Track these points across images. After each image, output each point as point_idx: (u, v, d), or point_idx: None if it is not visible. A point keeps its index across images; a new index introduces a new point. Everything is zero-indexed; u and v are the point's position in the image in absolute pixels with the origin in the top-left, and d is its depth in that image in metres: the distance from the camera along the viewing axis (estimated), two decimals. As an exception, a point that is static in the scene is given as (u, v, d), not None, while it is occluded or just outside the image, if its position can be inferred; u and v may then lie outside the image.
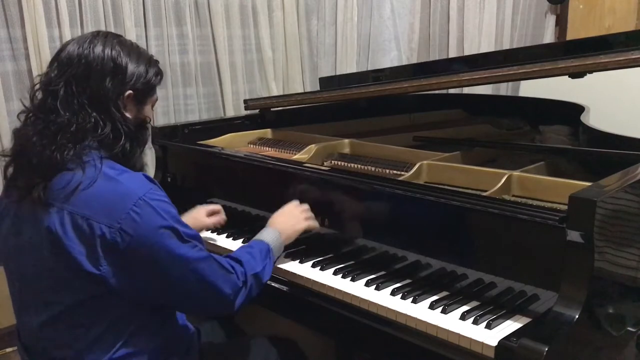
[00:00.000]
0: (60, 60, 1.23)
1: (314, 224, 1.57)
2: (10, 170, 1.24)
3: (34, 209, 1.19)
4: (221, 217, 1.75)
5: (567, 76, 1.58)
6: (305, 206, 1.59)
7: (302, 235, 1.65)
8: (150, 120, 1.34)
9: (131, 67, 1.25)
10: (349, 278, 1.43)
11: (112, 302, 1.19)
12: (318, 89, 2.63)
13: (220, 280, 1.25)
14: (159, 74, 1.33)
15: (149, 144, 1.56)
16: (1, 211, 1.29)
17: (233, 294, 1.27)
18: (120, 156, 1.24)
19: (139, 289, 1.18)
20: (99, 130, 1.20)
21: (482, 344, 1.14)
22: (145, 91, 1.29)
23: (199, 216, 1.72)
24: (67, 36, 2.52)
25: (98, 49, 1.22)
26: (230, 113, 3.06)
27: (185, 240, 1.19)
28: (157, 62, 1.34)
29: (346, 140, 2.02)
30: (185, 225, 1.22)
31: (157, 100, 1.37)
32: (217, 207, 1.76)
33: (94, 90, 1.20)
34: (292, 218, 1.56)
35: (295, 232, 1.54)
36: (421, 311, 1.27)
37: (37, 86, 1.24)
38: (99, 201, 1.15)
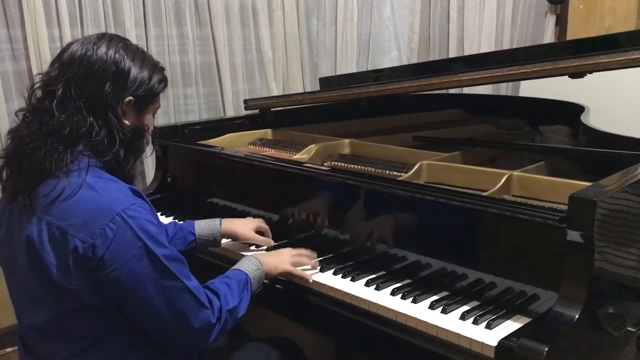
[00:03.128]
0: (62, 60, 1.19)
1: (298, 271, 1.46)
2: (4, 171, 1.21)
3: (20, 216, 1.16)
4: (267, 239, 1.64)
5: (567, 76, 1.58)
6: (300, 251, 1.50)
7: (301, 234, 1.65)
8: (149, 129, 1.28)
9: (134, 72, 1.20)
10: (349, 278, 1.43)
11: (92, 317, 1.16)
12: (318, 89, 2.63)
13: (193, 315, 1.17)
14: (163, 81, 1.28)
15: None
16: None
17: (204, 331, 1.20)
18: (113, 164, 1.19)
19: (110, 308, 1.15)
20: (93, 135, 1.16)
21: (482, 344, 1.14)
22: (147, 98, 1.24)
23: (249, 225, 1.63)
24: (67, 36, 2.52)
25: (101, 50, 1.18)
26: (230, 113, 3.06)
27: (161, 265, 1.13)
28: (162, 69, 1.29)
29: (346, 141, 2.02)
30: (165, 247, 1.15)
31: (159, 108, 1.32)
32: (265, 227, 1.67)
33: (92, 93, 1.17)
34: (278, 256, 1.48)
35: (277, 269, 1.44)
36: (421, 311, 1.27)
37: (37, 85, 1.21)
38: (77, 213, 1.11)
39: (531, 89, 2.64)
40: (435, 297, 1.32)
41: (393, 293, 1.35)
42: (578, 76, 1.58)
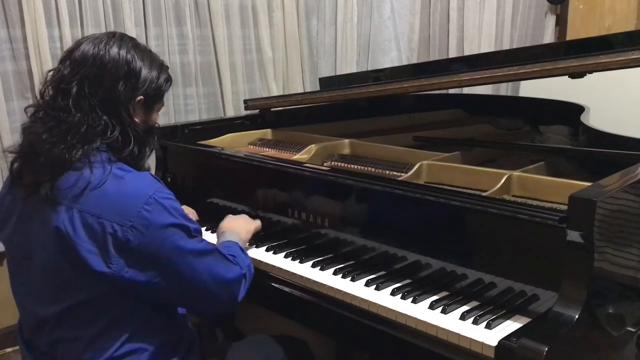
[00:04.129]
0: (74, 59, 1.22)
1: (259, 223, 1.65)
2: (16, 166, 1.24)
3: (40, 208, 1.19)
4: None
5: (567, 76, 1.58)
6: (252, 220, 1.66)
7: (301, 234, 1.65)
8: (157, 125, 1.34)
9: (144, 72, 1.25)
10: (349, 278, 1.43)
11: (114, 301, 1.20)
12: (318, 89, 2.63)
13: (227, 270, 1.28)
14: (169, 80, 1.33)
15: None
16: (6, 208, 1.28)
17: (238, 283, 1.31)
18: (128, 160, 1.24)
19: (150, 286, 1.19)
20: (109, 133, 1.21)
21: (482, 344, 1.14)
22: (155, 97, 1.30)
23: None
24: (67, 36, 2.52)
25: (113, 50, 1.22)
26: (230, 113, 3.06)
27: (193, 236, 1.22)
28: (167, 68, 1.34)
29: (346, 141, 2.02)
30: (192, 221, 1.24)
31: (163, 106, 1.37)
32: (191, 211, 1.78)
33: (106, 92, 1.20)
34: (240, 220, 1.63)
35: (249, 232, 1.59)
36: (421, 311, 1.27)
37: (49, 82, 1.23)
38: (109, 200, 1.16)
39: (531, 89, 2.64)
40: (435, 297, 1.32)
41: (393, 293, 1.35)
42: (578, 76, 1.58)
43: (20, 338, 1.34)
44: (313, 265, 1.51)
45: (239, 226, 1.58)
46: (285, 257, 1.58)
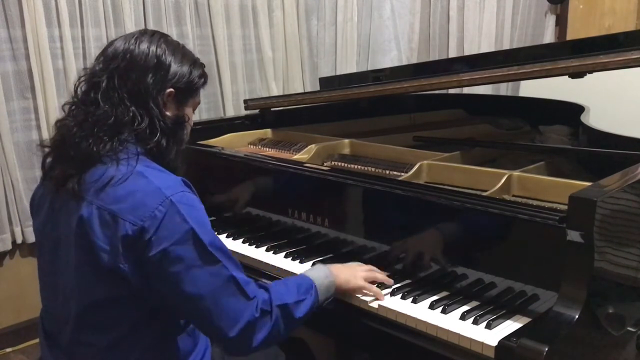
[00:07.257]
0: (106, 55, 1.24)
1: (374, 289, 1.37)
2: (49, 160, 1.25)
3: (67, 201, 1.19)
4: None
5: (567, 76, 1.58)
6: (370, 267, 1.43)
7: (300, 234, 1.65)
8: (189, 119, 1.32)
9: (174, 66, 1.25)
10: (349, 278, 1.43)
11: (128, 310, 1.18)
12: (318, 89, 2.64)
13: (237, 307, 1.15)
14: (203, 76, 1.33)
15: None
16: (38, 201, 1.30)
17: (249, 327, 1.16)
18: (155, 152, 1.23)
19: (154, 294, 1.16)
20: (136, 124, 1.20)
21: (482, 344, 1.14)
22: (187, 91, 1.29)
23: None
24: (67, 36, 2.52)
25: (144, 45, 1.23)
26: (230, 113, 3.06)
27: (207, 252, 1.13)
28: (202, 65, 1.34)
29: (346, 141, 2.02)
30: (212, 235, 1.16)
31: (199, 103, 1.36)
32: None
33: (134, 84, 1.21)
34: (350, 269, 1.40)
35: (348, 283, 1.36)
36: (421, 311, 1.27)
37: (82, 78, 1.25)
38: (127, 197, 1.14)
39: (531, 89, 2.64)
40: (435, 297, 1.32)
41: (393, 293, 1.35)
42: (578, 76, 1.58)
43: (41, 330, 1.33)
44: (313, 265, 1.51)
45: (342, 271, 1.38)
46: (285, 257, 1.58)
